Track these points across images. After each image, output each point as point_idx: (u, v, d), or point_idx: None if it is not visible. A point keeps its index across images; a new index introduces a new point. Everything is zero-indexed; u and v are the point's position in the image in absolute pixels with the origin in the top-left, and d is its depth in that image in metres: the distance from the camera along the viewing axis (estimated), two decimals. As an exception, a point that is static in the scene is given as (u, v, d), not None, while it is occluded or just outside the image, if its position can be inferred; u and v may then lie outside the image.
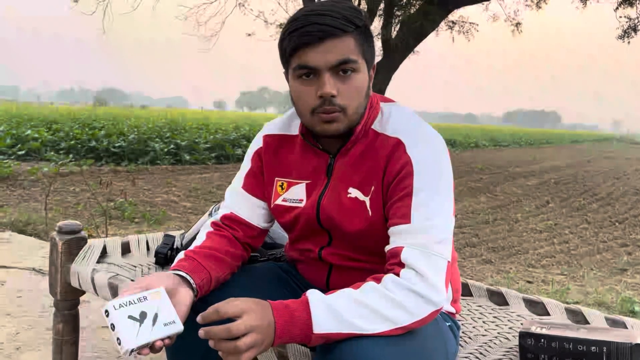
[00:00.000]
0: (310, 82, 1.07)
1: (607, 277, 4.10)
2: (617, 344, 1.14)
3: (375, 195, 1.12)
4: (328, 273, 1.24)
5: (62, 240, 1.60)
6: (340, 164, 1.17)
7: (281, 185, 1.24)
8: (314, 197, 1.19)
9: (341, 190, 1.16)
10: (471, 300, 1.66)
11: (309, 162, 1.21)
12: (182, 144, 11.25)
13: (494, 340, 1.37)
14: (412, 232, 1.03)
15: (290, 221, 1.23)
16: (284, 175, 1.24)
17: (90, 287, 1.52)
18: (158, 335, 0.97)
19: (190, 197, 6.88)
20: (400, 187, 1.07)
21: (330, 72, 1.06)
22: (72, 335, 1.69)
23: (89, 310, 2.60)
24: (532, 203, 7.87)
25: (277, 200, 1.25)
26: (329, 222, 1.18)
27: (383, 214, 1.12)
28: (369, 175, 1.13)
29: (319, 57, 1.05)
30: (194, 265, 1.12)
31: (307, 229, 1.22)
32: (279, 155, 1.26)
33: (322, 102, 1.07)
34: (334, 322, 0.94)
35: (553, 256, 4.76)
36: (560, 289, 3.61)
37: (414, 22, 9.65)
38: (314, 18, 1.04)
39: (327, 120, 1.08)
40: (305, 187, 1.21)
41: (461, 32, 11.82)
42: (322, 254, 1.22)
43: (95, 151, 10.16)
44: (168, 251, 1.69)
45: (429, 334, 1.07)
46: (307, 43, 1.04)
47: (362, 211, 1.13)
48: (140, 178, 8.13)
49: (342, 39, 1.05)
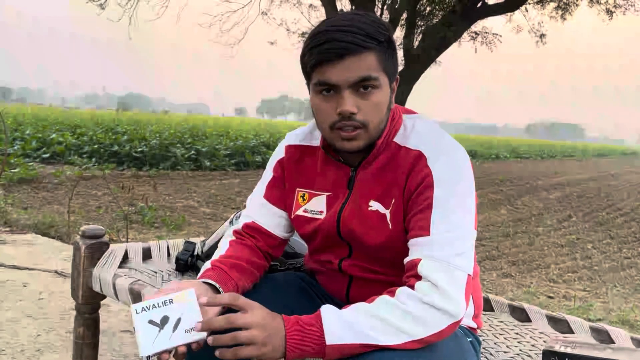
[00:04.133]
0: (330, 97, 1.07)
1: (630, 295, 4.01)
2: (644, 365, 1.11)
3: (396, 207, 1.11)
4: (348, 285, 1.24)
5: (85, 244, 1.62)
6: (362, 177, 1.16)
7: (302, 196, 1.24)
8: (334, 209, 1.19)
9: (362, 203, 1.15)
10: (492, 315, 1.63)
11: (330, 174, 1.21)
12: (202, 150, 11.35)
13: (516, 358, 1.35)
14: (430, 244, 1.02)
15: (310, 232, 1.23)
16: (306, 186, 1.24)
17: (111, 292, 1.54)
18: (177, 342, 0.95)
19: (210, 203, 6.92)
20: (421, 199, 1.06)
21: (350, 89, 1.05)
22: (92, 339, 1.70)
23: (109, 313, 2.63)
24: (553, 216, 7.75)
25: (298, 211, 1.24)
26: (349, 235, 1.17)
27: (403, 227, 1.11)
28: (390, 188, 1.12)
29: (339, 75, 1.04)
30: (222, 275, 1.13)
31: (328, 240, 1.21)
32: (301, 165, 1.26)
33: (340, 118, 1.06)
34: (347, 333, 0.94)
35: (575, 271, 4.68)
36: (582, 305, 3.54)
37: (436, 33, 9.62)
38: (335, 34, 1.03)
39: (347, 138, 1.08)
40: (325, 199, 1.21)
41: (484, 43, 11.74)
42: (342, 266, 1.21)
43: (118, 156, 10.31)
44: (189, 258, 1.70)
45: (450, 349, 1.06)
46: (328, 60, 1.03)
47: (383, 224, 1.12)
48: (160, 183, 8.22)
49: (362, 55, 1.04)
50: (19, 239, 4.11)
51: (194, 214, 6.12)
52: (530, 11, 11.57)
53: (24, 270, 3.26)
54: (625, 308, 3.58)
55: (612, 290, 4.09)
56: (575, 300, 3.67)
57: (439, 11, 10.92)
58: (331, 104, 1.07)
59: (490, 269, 4.57)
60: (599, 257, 5.34)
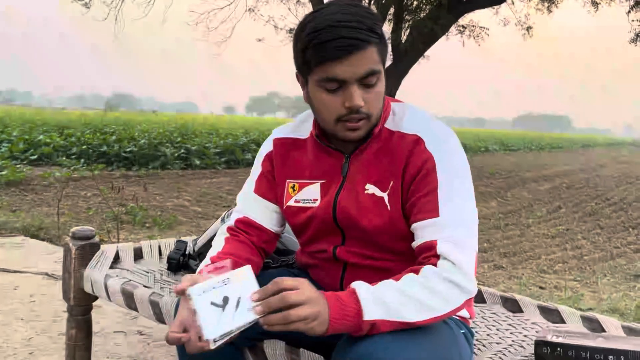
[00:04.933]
0: (336, 92, 1.08)
1: (620, 283, 4.06)
2: (635, 352, 1.12)
3: (394, 191, 1.13)
4: (342, 273, 1.23)
5: (76, 246, 1.61)
6: (356, 163, 1.18)
7: (293, 187, 1.25)
8: (330, 195, 1.20)
9: (358, 187, 1.17)
10: (485, 307, 1.64)
11: (322, 163, 1.22)
12: (192, 148, 11.30)
13: (508, 349, 1.36)
14: (442, 225, 1.06)
15: (303, 222, 1.24)
16: (295, 176, 1.25)
17: (103, 293, 1.53)
18: (240, 322, 0.91)
19: (201, 201, 6.90)
20: (424, 182, 1.10)
21: (357, 83, 1.07)
22: (85, 341, 1.69)
23: (102, 315, 2.61)
24: (543, 208, 7.81)
25: (289, 202, 1.25)
26: (346, 220, 1.18)
27: (401, 210, 1.13)
28: (387, 171, 1.14)
29: (348, 70, 1.05)
30: (222, 270, 1.13)
31: (322, 228, 1.22)
32: (289, 157, 1.27)
33: (349, 111, 1.08)
34: (380, 309, 0.97)
35: (565, 262, 4.72)
36: (573, 295, 3.57)
37: (424, 27, 9.64)
38: (342, 31, 1.03)
39: (352, 129, 1.11)
40: (320, 186, 1.22)
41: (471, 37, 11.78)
42: (336, 253, 1.21)
43: (106, 156, 10.24)
44: (180, 257, 1.69)
45: (444, 341, 1.06)
46: (337, 57, 1.04)
47: (381, 207, 1.14)
48: (150, 183, 8.17)
49: (367, 50, 1.05)
50: (8, 241, 4.07)
51: (185, 213, 6.10)
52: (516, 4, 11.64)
53: (14, 273, 3.23)
54: (615, 297, 3.62)
55: (602, 279, 4.13)
56: (566, 291, 3.71)
57: (426, 5, 10.93)
58: (337, 98, 1.08)
59: (481, 262, 4.60)
60: (588, 247, 5.39)
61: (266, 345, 1.17)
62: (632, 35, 10.24)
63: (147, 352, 2.25)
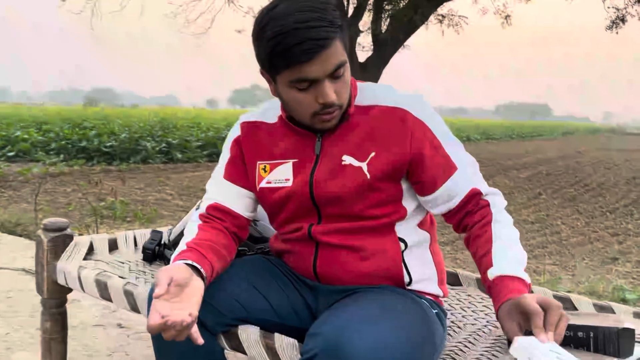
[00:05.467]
0: (307, 90, 1.09)
1: (598, 267, 4.12)
2: (604, 328, 1.14)
3: (376, 161, 1.15)
4: (315, 255, 1.22)
5: (48, 238, 1.58)
6: (330, 140, 1.19)
7: (264, 168, 1.25)
8: (304, 174, 1.20)
9: (334, 161, 1.18)
10: (461, 289, 1.66)
11: (293, 143, 1.23)
12: (173, 142, 11.21)
13: (483, 329, 1.37)
14: (465, 175, 1.19)
15: (277, 202, 1.23)
16: (266, 158, 1.25)
17: (77, 284, 1.51)
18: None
19: (183, 195, 6.85)
20: (430, 146, 1.16)
21: (328, 78, 1.08)
22: (60, 334, 1.67)
23: (80, 309, 2.59)
24: (524, 195, 7.89)
25: (261, 183, 1.25)
26: (323, 195, 1.18)
27: (383, 179, 1.16)
28: (367, 143, 1.16)
29: (318, 70, 1.06)
30: (199, 256, 1.13)
31: (297, 207, 1.22)
32: (257, 139, 1.27)
33: (323, 107, 1.10)
34: (521, 269, 1.11)
35: (545, 247, 4.78)
36: (551, 278, 3.62)
37: (403, 16, 9.63)
38: (308, 33, 1.02)
39: (327, 120, 1.13)
40: (292, 165, 1.22)
41: (450, 26, 11.81)
42: (312, 231, 1.21)
43: (86, 151, 10.12)
44: (156, 247, 1.68)
45: (416, 321, 1.07)
46: (306, 60, 1.04)
47: (358, 175, 1.16)
48: (132, 177, 8.09)
49: (333, 45, 1.06)
50: (-15, 238, 4.01)
51: (167, 206, 6.05)
52: (495, -7, 11.68)
53: (-10, 269, 3.18)
54: (593, 279, 3.69)
55: (580, 263, 4.20)
56: (544, 274, 3.76)
57: (406, -5, 10.91)
58: (310, 95, 1.10)
59: (462, 248, 4.64)
60: (567, 231, 5.47)
61: (240, 330, 1.17)
62: (608, 23, 10.35)
63: (127, 345, 2.23)
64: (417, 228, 1.24)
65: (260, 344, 1.14)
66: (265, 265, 1.31)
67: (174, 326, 0.95)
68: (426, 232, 1.26)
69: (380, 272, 1.19)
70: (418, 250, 1.24)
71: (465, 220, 1.22)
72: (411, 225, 1.23)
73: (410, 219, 1.22)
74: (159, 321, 0.95)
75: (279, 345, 1.12)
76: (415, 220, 1.24)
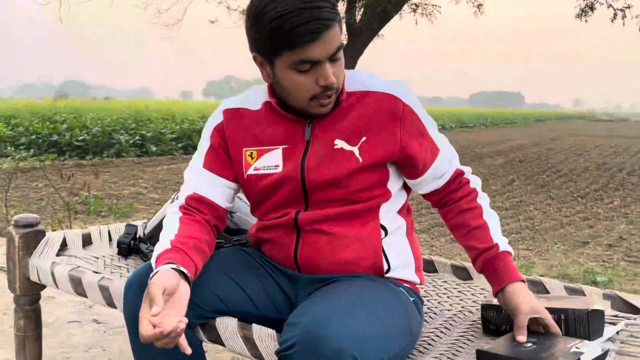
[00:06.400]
0: (308, 72, 1.10)
1: (570, 250, 4.22)
2: (574, 310, 1.17)
3: (367, 145, 1.17)
4: (296, 242, 1.21)
5: (19, 234, 1.55)
6: (320, 126, 1.20)
7: (250, 155, 1.23)
8: (294, 160, 1.19)
9: (326, 145, 1.19)
10: (436, 276, 1.68)
11: (282, 129, 1.22)
12: (147, 135, 11.05)
13: (458, 315, 1.40)
14: (445, 157, 1.26)
15: (266, 189, 1.22)
16: (252, 144, 1.24)
17: (50, 280, 1.49)
18: None
19: (158, 188, 6.78)
20: (418, 131, 1.21)
21: (328, 61, 1.10)
22: (34, 331, 1.65)
23: (55, 305, 2.55)
24: (498, 182, 8.01)
25: (248, 170, 1.23)
26: (315, 179, 1.18)
27: (375, 164, 1.18)
28: (359, 127, 1.18)
29: (322, 50, 1.07)
30: (185, 258, 1.10)
31: (286, 194, 1.21)
32: (242, 126, 1.25)
33: (323, 89, 1.12)
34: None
35: (519, 232, 4.86)
36: (525, 263, 3.70)
37: (377, 6, 9.63)
38: (314, 12, 1.05)
39: (324, 104, 1.14)
40: (282, 152, 1.21)
41: (424, 15, 11.85)
42: (298, 218, 1.20)
43: (58, 145, 9.91)
44: (131, 241, 1.67)
45: (393, 310, 1.08)
46: (311, 40, 1.05)
47: (351, 158, 1.17)
48: (105, 171, 7.97)
49: (334, 29, 1.08)
50: (-46, 236, 3.91)
51: (142, 200, 5.98)
52: (467, -19, 11.72)
53: (-40, 268, 3.11)
54: (565, 263, 3.77)
55: (553, 247, 4.29)
56: (518, 259, 3.83)
57: (379, -17, 10.89)
58: (310, 78, 1.11)
59: (438, 235, 4.69)
60: (540, 217, 5.57)
61: (218, 322, 1.17)
62: (578, 11, 10.51)
63: (104, 341, 2.21)
64: (396, 214, 1.26)
65: (238, 335, 1.14)
66: (243, 257, 1.30)
67: (167, 334, 0.94)
68: (403, 219, 1.28)
69: (360, 260, 1.20)
70: (396, 238, 1.25)
71: (447, 196, 1.28)
72: (392, 210, 1.25)
73: (392, 203, 1.24)
74: (154, 331, 0.94)
75: (257, 336, 1.12)
76: (396, 206, 1.26)
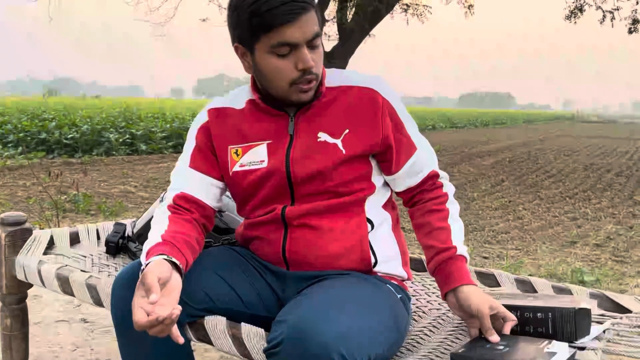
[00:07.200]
0: (287, 56, 1.12)
1: (558, 250, 4.25)
2: (561, 309, 1.18)
3: (350, 137, 1.20)
4: (284, 238, 1.22)
5: (6, 232, 1.54)
6: (303, 120, 1.21)
7: (236, 152, 1.24)
8: (279, 154, 1.21)
9: (310, 138, 1.20)
10: (425, 275, 1.69)
11: (265, 125, 1.23)
12: (137, 133, 10.99)
13: (446, 314, 1.40)
14: (424, 157, 1.27)
15: (252, 184, 1.23)
16: (237, 141, 1.25)
17: (37, 279, 1.48)
18: None
19: (148, 187, 6.74)
20: (396, 126, 1.23)
21: (306, 46, 1.12)
22: (21, 331, 1.63)
23: (42, 304, 2.53)
24: (487, 182, 8.05)
25: (234, 167, 1.24)
26: (300, 172, 1.19)
27: (358, 155, 1.20)
28: (341, 121, 1.21)
29: (298, 33, 1.10)
30: (176, 251, 1.11)
31: (272, 189, 1.22)
32: (227, 124, 1.26)
33: (302, 74, 1.13)
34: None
35: (508, 232, 4.90)
36: (514, 263, 3.72)
37: (368, 6, 9.64)
38: None
39: (304, 90, 1.16)
40: (266, 147, 1.22)
41: (415, 15, 11.88)
42: (285, 212, 1.21)
43: (46, 143, 9.83)
44: (119, 240, 1.65)
45: (380, 307, 1.09)
46: (288, 21, 1.08)
47: (335, 150, 1.19)
48: (94, 170, 7.92)
49: (310, 13, 1.11)
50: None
51: (132, 199, 5.94)
52: (458, -18, 11.77)
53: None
54: (553, 262, 3.80)
55: (541, 247, 4.32)
56: (507, 259, 3.85)
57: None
58: (289, 62, 1.13)
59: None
60: (529, 217, 5.61)
61: (207, 321, 1.16)
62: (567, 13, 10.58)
63: (92, 340, 2.20)
64: (381, 209, 1.28)
65: (226, 334, 1.14)
66: (232, 256, 1.30)
67: (162, 321, 0.94)
68: (388, 213, 1.29)
69: (347, 252, 1.21)
70: (382, 231, 1.27)
71: (418, 196, 1.30)
72: (378, 204, 1.27)
73: (377, 196, 1.26)
74: (148, 318, 0.94)
75: (246, 335, 1.11)
76: (381, 200, 1.28)
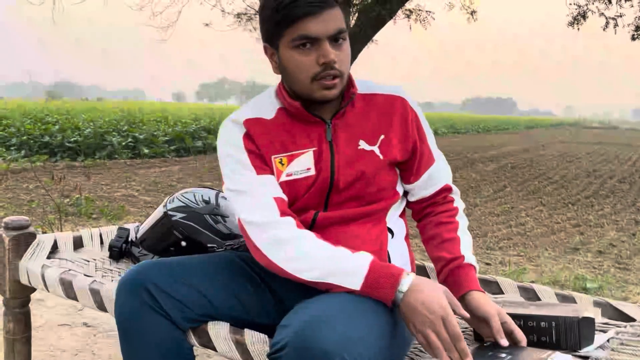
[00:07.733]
0: (309, 51, 1.13)
1: (561, 257, 4.24)
2: (565, 318, 1.17)
3: (385, 143, 1.23)
4: None
5: (10, 236, 1.54)
6: (340, 126, 1.23)
7: (280, 162, 1.22)
8: (325, 160, 1.21)
9: (350, 146, 1.22)
10: (428, 282, 1.68)
11: (304, 133, 1.23)
12: (140, 137, 11.01)
13: (450, 320, 1.40)
14: (439, 169, 1.30)
15: (299, 192, 1.21)
16: (280, 151, 1.22)
17: (40, 283, 1.48)
18: None
19: (150, 191, 6.75)
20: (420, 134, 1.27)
21: (328, 41, 1.13)
22: (24, 334, 1.63)
23: (45, 308, 2.53)
24: (490, 188, 8.04)
25: (281, 177, 1.22)
26: (343, 180, 1.21)
27: (392, 159, 1.23)
28: (376, 127, 1.24)
29: (321, 27, 1.11)
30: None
31: (315, 195, 1.22)
32: (266, 135, 1.23)
33: (323, 68, 1.13)
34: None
35: (510, 238, 4.89)
36: (516, 269, 3.71)
37: (371, 11, 9.67)
38: None
39: (328, 87, 1.15)
40: (312, 154, 1.22)
41: (418, 21, 11.90)
42: (317, 219, 1.21)
43: (49, 146, 9.85)
44: (123, 244, 1.65)
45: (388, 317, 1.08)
46: (309, 13, 1.10)
47: (374, 158, 1.23)
48: (97, 173, 7.93)
49: (335, 9, 1.13)
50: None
51: (134, 203, 5.95)
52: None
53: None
54: (555, 269, 3.79)
55: (543, 253, 4.31)
56: (510, 265, 3.85)
57: (373, -11, 10.93)
58: (311, 57, 1.13)
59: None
60: (531, 223, 5.60)
61: (210, 326, 1.16)
62: (570, 19, 10.60)
63: (93, 344, 2.20)
64: (399, 218, 1.30)
65: (230, 339, 1.14)
66: (235, 262, 1.30)
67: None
68: (403, 222, 1.32)
69: None
70: (399, 241, 1.29)
71: (429, 208, 1.31)
72: (396, 213, 1.29)
73: (397, 206, 1.29)
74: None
75: (250, 340, 1.11)
76: (399, 209, 1.31)
